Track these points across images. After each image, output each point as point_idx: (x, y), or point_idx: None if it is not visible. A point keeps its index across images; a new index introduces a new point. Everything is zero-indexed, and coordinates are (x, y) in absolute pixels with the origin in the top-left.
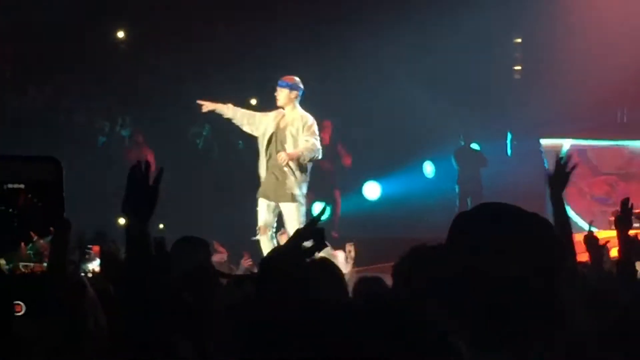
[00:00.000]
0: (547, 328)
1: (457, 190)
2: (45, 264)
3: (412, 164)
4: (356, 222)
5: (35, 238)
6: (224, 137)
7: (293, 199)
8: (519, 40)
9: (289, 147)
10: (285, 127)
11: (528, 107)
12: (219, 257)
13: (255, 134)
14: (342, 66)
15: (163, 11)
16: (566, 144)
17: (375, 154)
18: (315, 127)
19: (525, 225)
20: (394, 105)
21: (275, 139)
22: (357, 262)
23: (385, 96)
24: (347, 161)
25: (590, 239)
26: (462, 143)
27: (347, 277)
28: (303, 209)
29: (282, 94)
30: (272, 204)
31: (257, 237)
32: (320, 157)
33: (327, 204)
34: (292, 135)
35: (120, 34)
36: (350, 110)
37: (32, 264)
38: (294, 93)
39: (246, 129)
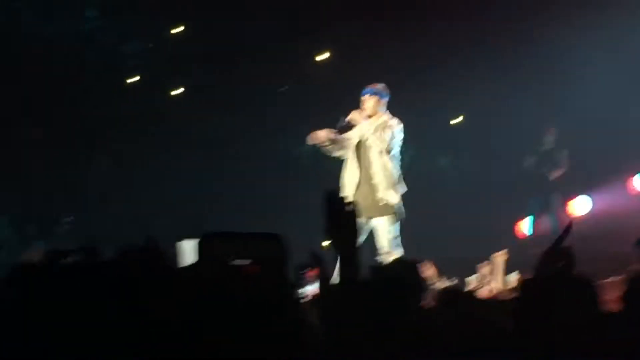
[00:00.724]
0: None
1: None
2: None
3: (622, 177)
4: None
5: None
6: (429, 153)
7: (385, 211)
8: None
9: (374, 153)
10: (373, 134)
11: None
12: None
13: (346, 156)
14: (548, 72)
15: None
16: None
17: (583, 166)
18: (396, 127)
19: None
20: (600, 114)
21: (364, 148)
22: None
23: (593, 104)
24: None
25: None
26: None
27: None
28: (397, 223)
29: (370, 102)
30: (362, 221)
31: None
32: (391, 150)
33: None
34: (381, 140)
35: (324, 55)
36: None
37: None
38: (383, 100)
39: (337, 154)
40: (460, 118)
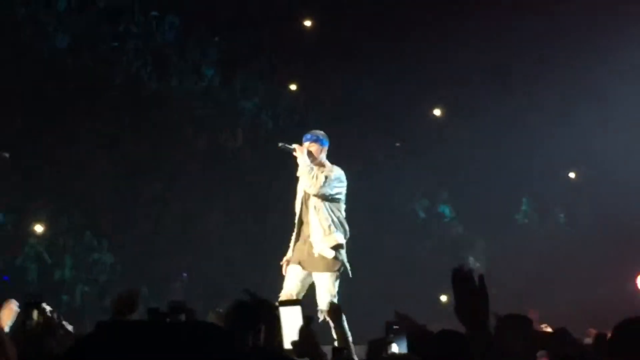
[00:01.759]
0: None
1: None
2: None
3: None
4: None
5: None
6: (544, 209)
7: (322, 267)
8: None
9: (310, 198)
10: (307, 177)
11: None
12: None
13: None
14: None
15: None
16: None
17: None
18: (334, 174)
19: None
20: None
21: (305, 202)
22: None
23: None
24: None
25: None
26: None
27: None
28: (336, 280)
29: (312, 148)
30: (303, 272)
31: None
32: (327, 195)
33: None
34: (314, 183)
35: (437, 112)
36: None
37: None
38: (324, 147)
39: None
40: (572, 174)
